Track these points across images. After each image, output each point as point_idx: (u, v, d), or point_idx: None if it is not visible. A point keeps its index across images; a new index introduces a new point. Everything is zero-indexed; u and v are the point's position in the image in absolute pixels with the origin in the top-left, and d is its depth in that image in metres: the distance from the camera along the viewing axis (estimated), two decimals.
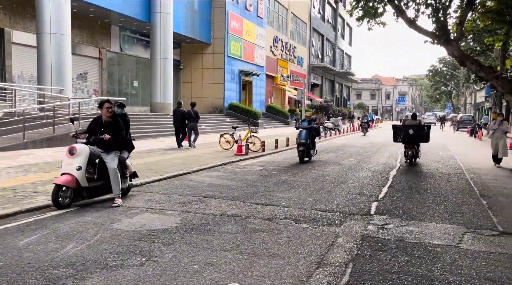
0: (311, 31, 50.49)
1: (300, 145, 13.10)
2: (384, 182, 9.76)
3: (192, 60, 31.34)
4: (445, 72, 76.92)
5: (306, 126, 13.34)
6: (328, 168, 11.90)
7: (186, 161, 12.07)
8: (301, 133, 13.18)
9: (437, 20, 17.76)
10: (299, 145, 13.15)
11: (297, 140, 13.62)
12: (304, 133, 13.08)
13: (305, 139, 12.99)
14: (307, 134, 13.08)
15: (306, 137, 13.02)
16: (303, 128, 13.33)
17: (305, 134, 13.05)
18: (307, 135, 13.05)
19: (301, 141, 13.07)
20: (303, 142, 13.01)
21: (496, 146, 13.31)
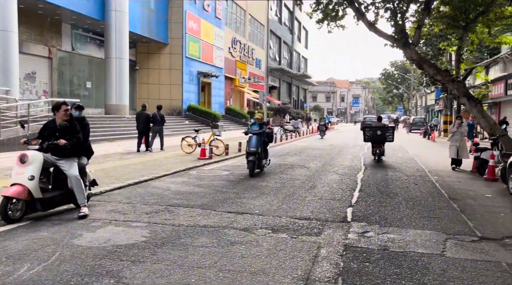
0: (268, 34, 50.56)
1: (250, 154, 10.73)
2: (353, 186, 9.61)
3: (148, 61, 30.42)
4: (396, 76, 79.51)
5: (256, 131, 11.09)
6: (295, 172, 11.65)
7: (147, 166, 11.45)
8: (251, 140, 10.88)
9: (396, 23, 18.03)
10: (248, 154, 10.77)
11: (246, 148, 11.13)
12: (255, 139, 10.87)
13: (255, 146, 10.72)
14: (258, 140, 10.90)
15: (257, 144, 10.80)
16: (253, 133, 11.06)
17: (255, 140, 10.84)
18: (258, 142, 10.87)
19: (251, 149, 10.70)
20: (253, 150, 10.69)
21: (456, 149, 13.19)
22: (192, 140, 15.21)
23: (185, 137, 15.56)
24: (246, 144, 11.10)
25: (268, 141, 11.70)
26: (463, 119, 27.28)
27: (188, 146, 15.21)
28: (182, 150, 15.22)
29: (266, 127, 11.43)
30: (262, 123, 11.50)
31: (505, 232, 5.96)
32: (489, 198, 8.54)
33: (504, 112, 26.18)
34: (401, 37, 17.79)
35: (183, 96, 30.41)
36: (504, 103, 25.84)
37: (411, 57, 17.93)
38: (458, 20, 17.77)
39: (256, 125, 11.35)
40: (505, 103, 25.61)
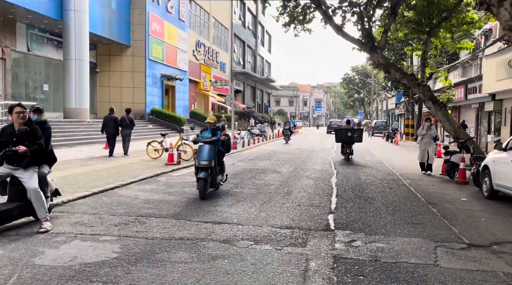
0: (232, 37, 50.25)
1: (200, 170, 8.11)
2: (329, 191, 9.38)
3: (110, 63, 29.36)
4: (357, 80, 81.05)
5: (209, 139, 8.48)
6: (268, 177, 11.32)
7: (112, 173, 10.81)
8: (202, 150, 8.31)
9: (362, 28, 18.14)
10: (199, 170, 8.15)
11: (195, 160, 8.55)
12: (207, 150, 8.28)
13: (208, 159, 8.14)
14: (211, 151, 8.30)
15: (209, 156, 8.20)
16: (204, 141, 8.47)
17: (208, 151, 8.25)
18: (211, 153, 8.27)
19: (202, 162, 8.10)
20: (204, 164, 8.08)
21: (425, 153, 12.97)
22: (159, 144, 14.61)
23: (151, 141, 14.93)
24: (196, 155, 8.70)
25: (224, 151, 9.06)
26: None
27: (155, 151, 14.59)
28: (148, 155, 14.59)
29: (221, 133, 8.81)
30: (216, 129, 8.84)
31: (491, 238, 5.84)
32: (465, 202, 8.51)
33: (463, 116, 26.97)
34: (368, 41, 17.90)
35: (146, 99, 29.54)
36: (464, 107, 26.61)
37: (377, 61, 18.07)
38: (422, 25, 18.10)
39: (208, 132, 8.78)
40: (465, 107, 26.38)
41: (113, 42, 27.76)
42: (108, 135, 14.77)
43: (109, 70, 29.35)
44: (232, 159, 16.03)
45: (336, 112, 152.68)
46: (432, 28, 17.71)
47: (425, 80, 18.25)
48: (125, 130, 15.07)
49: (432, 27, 17.70)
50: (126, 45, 28.87)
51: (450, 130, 16.88)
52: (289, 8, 19.52)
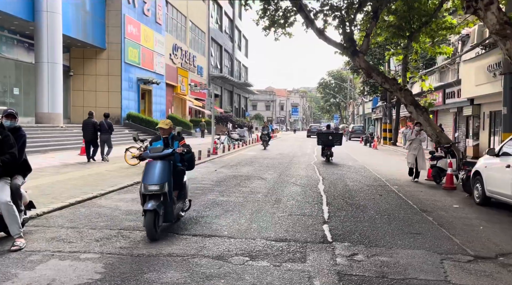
0: (210, 41, 49.80)
1: (148, 198, 5.70)
2: (318, 198, 9.07)
3: (84, 66, 28.47)
4: (333, 85, 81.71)
5: (160, 153, 5.98)
6: (254, 184, 10.94)
7: (89, 181, 10.22)
8: (150, 169, 5.89)
9: (344, 32, 18.01)
10: (145, 198, 5.76)
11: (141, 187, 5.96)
12: (158, 169, 5.83)
13: (158, 182, 5.74)
14: (163, 170, 5.85)
15: (161, 177, 5.77)
16: (153, 156, 6.02)
17: (159, 171, 5.82)
18: (163, 173, 5.82)
19: (150, 188, 5.71)
20: (154, 189, 5.68)
21: (414, 159, 12.51)
22: (137, 151, 14.02)
23: (129, 147, 14.34)
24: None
25: (184, 169, 6.56)
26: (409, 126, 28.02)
27: (133, 158, 14.00)
28: (126, 161, 14.00)
29: (178, 144, 6.33)
30: (172, 138, 6.43)
31: (496, 249, 5.61)
32: (459, 209, 8.32)
33: (441, 120, 27.24)
34: (349, 45, 17.78)
35: (122, 103, 28.77)
36: (442, 111, 26.88)
37: (359, 65, 17.96)
38: (403, 30, 18.09)
39: (159, 142, 6.36)
40: (443, 111, 26.65)
41: (87, 44, 26.92)
42: (86, 139, 14.49)
43: (83, 73, 28.47)
44: (214, 165, 15.59)
45: (312, 117, 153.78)
46: (412, 32, 17.70)
47: (406, 85, 18.18)
48: (104, 135, 14.77)
49: (413, 31, 17.69)
50: (101, 48, 28.06)
51: (432, 135, 16.84)
52: (270, 12, 19.27)
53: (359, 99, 68.92)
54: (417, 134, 12.97)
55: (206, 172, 13.47)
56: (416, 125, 12.90)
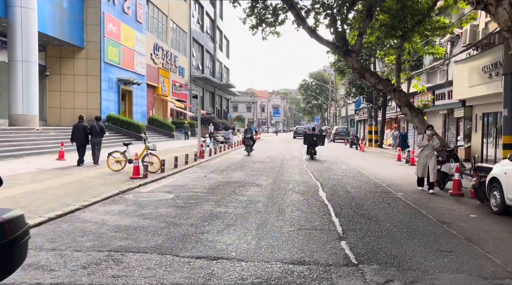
0: (191, 41, 48.76)
1: None
2: (324, 208, 8.34)
3: (61, 66, 27.17)
4: (315, 86, 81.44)
5: None
6: (250, 192, 10.14)
7: (70, 191, 9.26)
8: None
9: (336, 30, 17.42)
10: None
11: None
12: None
13: None
14: None
15: None
16: None
17: None
18: None
19: None
20: None
21: (425, 167, 11.01)
22: (121, 155, 13.08)
23: (112, 152, 13.37)
24: None
25: None
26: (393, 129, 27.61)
27: (117, 163, 13.05)
28: (109, 167, 13.02)
29: None
30: None
31: None
32: (478, 220, 7.70)
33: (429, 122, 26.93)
34: (342, 44, 17.18)
35: (101, 105, 27.55)
36: (430, 113, 26.59)
37: (352, 66, 17.39)
38: (396, 29, 17.60)
39: None
40: (431, 113, 26.35)
41: (64, 43, 25.67)
42: (77, 144, 14.16)
43: (60, 73, 27.17)
44: (202, 170, 14.74)
45: (293, 118, 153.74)
46: (405, 32, 17.24)
47: (400, 86, 17.68)
48: (95, 138, 14.36)
49: (406, 31, 17.23)
50: (79, 46, 26.83)
51: None
52: (257, 10, 18.55)
53: (341, 100, 68.87)
54: (429, 139, 11.21)
55: (195, 178, 12.61)
56: (428, 128, 11.46)
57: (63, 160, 15.53)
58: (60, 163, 14.61)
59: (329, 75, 77.19)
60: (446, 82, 21.47)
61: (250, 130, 23.48)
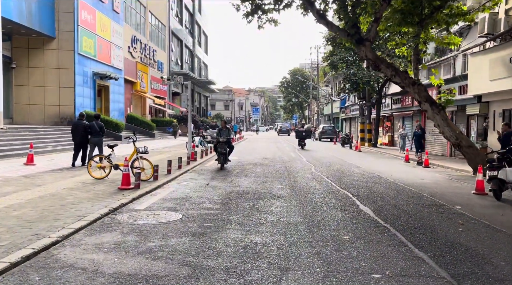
0: (170, 35, 46.15)
1: None
2: (389, 234, 6.31)
3: (29, 57, 24.32)
4: (296, 83, 79.73)
5: None
6: (275, 208, 8.01)
7: (42, 210, 6.94)
8: None
9: (346, 16, 15.51)
10: None
11: None
12: None
13: None
14: None
15: None
16: None
17: None
18: None
19: None
20: None
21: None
22: (105, 160, 10.74)
23: (93, 156, 11.00)
24: None
25: None
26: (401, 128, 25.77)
27: (99, 169, 10.71)
28: (90, 174, 10.67)
29: None
30: None
31: None
32: None
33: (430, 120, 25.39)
34: (354, 32, 15.28)
35: (75, 101, 24.85)
36: None
37: (365, 56, 15.47)
38: (412, 16, 15.76)
39: None
40: None
41: (33, 32, 22.86)
42: (76, 142, 13.37)
43: (28, 66, 24.32)
44: (200, 176, 12.54)
45: (270, 117, 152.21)
46: (423, 19, 15.43)
47: (419, 79, 15.89)
48: (95, 137, 13.43)
49: (423, 17, 15.41)
50: (50, 36, 24.05)
51: (451, 137, 14.68)
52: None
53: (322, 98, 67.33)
54: None
55: (197, 187, 10.41)
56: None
57: (33, 165, 13.06)
58: (29, 169, 12.14)
59: (310, 72, 75.68)
60: (460, 75, 19.86)
61: (227, 130, 15.35)
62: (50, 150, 17.93)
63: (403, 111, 28.96)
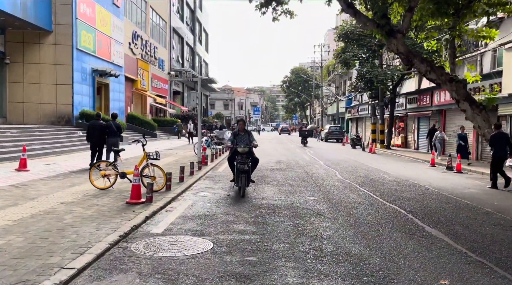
0: (171, 32, 44.56)
1: None
2: (471, 261, 4.84)
3: (24, 52, 22.73)
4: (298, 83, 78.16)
5: None
6: (323, 230, 6.47)
7: (34, 237, 5.38)
8: None
9: (373, 4, 14.00)
10: None
11: None
12: None
13: None
14: None
15: None
16: None
17: None
18: None
19: None
20: None
21: None
22: (112, 168, 9.18)
23: (97, 163, 9.42)
24: None
25: None
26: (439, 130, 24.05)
27: (103, 178, 9.14)
28: (92, 183, 9.12)
29: None
30: None
31: None
32: None
33: (451, 121, 23.93)
34: (384, 22, 13.75)
35: (74, 99, 23.24)
36: (452, 111, 23.56)
37: (396, 49, 13.87)
38: (448, 5, 14.23)
39: None
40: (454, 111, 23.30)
41: (28, 25, 21.25)
42: (92, 143, 12.72)
43: (23, 61, 22.71)
44: (217, 184, 11.00)
45: (269, 116, 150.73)
46: (460, 8, 13.91)
47: (457, 75, 14.38)
48: (112, 138, 12.86)
49: (461, 7, 13.90)
50: (47, 30, 22.45)
51: None
52: None
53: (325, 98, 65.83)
54: None
55: (218, 200, 8.87)
56: None
57: (26, 171, 11.50)
58: (21, 176, 10.58)
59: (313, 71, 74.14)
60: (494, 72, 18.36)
61: (247, 134, 10.38)
62: (46, 153, 16.36)
63: (420, 111, 27.46)
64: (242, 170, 9.35)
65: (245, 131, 10.37)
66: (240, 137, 10.10)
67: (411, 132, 30.36)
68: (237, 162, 9.56)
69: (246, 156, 9.75)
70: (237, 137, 10.17)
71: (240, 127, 10.49)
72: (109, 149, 12.84)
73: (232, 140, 10.13)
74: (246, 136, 10.25)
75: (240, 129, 10.40)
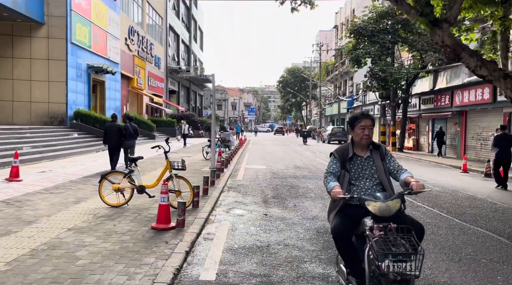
0: (167, 29, 42.72)
1: None
2: None
3: (13, 46, 20.83)
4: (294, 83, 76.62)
5: None
6: None
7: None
8: None
9: None
10: None
11: None
12: None
13: None
14: None
15: None
16: None
17: None
18: None
19: None
20: None
21: None
22: (127, 180, 7.44)
23: (107, 174, 7.63)
24: None
25: None
26: None
27: (117, 192, 7.39)
28: (103, 199, 7.37)
29: None
30: None
31: None
32: None
33: (475, 123, 22.48)
34: (429, 11, 12.20)
35: (68, 97, 21.38)
36: (476, 112, 22.13)
37: (442, 42, 12.23)
38: None
39: None
40: (480, 112, 21.88)
41: (18, 16, 19.37)
42: (110, 146, 12.21)
43: (12, 56, 20.83)
44: (244, 197, 9.33)
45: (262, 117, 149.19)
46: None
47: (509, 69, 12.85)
48: (129, 140, 12.55)
49: None
50: (38, 21, 20.58)
51: None
52: None
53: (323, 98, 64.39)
54: None
55: (257, 220, 7.21)
56: None
57: (18, 181, 9.71)
58: (13, 189, 8.80)
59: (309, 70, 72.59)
60: None
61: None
62: (39, 158, 14.53)
63: (437, 112, 25.99)
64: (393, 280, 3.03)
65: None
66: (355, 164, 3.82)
67: (424, 134, 28.95)
68: (377, 247, 3.02)
69: None
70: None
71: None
72: (126, 151, 12.63)
73: (336, 173, 3.81)
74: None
75: None
